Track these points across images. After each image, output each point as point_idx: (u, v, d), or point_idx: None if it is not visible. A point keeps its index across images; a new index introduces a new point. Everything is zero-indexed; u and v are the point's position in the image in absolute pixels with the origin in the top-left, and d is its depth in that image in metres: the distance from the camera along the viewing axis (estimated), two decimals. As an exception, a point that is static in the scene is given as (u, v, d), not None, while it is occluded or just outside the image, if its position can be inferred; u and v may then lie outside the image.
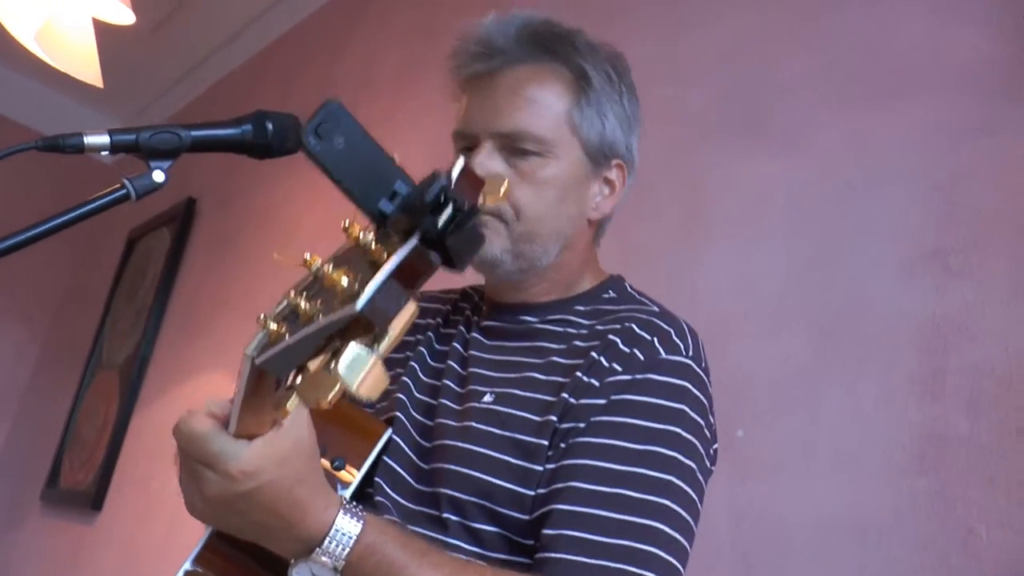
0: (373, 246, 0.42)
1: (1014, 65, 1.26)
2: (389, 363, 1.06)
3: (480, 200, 0.42)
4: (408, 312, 0.42)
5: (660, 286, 1.53)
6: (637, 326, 0.89)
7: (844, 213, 1.37)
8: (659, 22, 1.82)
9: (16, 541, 3.67)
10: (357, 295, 0.40)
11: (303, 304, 0.46)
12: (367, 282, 0.40)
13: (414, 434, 0.93)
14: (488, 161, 0.92)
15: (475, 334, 1.00)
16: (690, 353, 0.89)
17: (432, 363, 1.02)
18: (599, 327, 0.92)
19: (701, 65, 1.69)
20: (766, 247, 1.45)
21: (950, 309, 1.19)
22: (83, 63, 2.12)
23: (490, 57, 0.96)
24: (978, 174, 1.24)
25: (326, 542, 0.66)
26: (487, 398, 0.90)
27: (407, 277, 0.41)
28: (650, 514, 0.79)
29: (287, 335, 0.47)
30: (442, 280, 1.09)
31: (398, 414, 0.95)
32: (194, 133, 0.76)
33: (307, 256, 0.51)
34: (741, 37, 1.64)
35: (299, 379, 0.48)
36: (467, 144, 0.97)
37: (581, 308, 0.97)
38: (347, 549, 0.67)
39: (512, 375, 0.92)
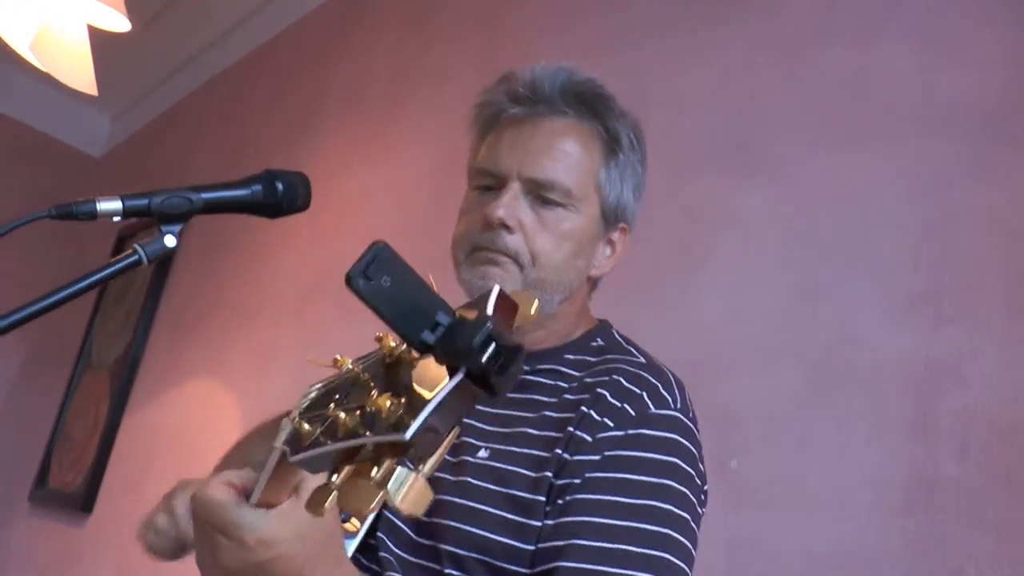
0: (414, 369, 0.44)
1: (1005, 108, 1.28)
2: None
3: (514, 325, 0.44)
4: (452, 436, 0.44)
5: (653, 318, 1.56)
6: (625, 380, 0.91)
7: (835, 249, 1.39)
8: (656, 50, 1.83)
9: (4, 541, 3.66)
10: (406, 424, 0.42)
11: (342, 416, 0.48)
12: (415, 410, 0.43)
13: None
14: (513, 203, 0.94)
15: None
16: (678, 405, 0.91)
17: None
18: (588, 379, 0.93)
19: (694, 95, 1.71)
20: (757, 280, 1.47)
21: (942, 352, 1.22)
22: (78, 72, 2.11)
23: (535, 103, 0.98)
24: (969, 217, 1.26)
25: None
26: (482, 453, 0.91)
27: (452, 407, 0.43)
28: (652, 568, 0.81)
29: (323, 439, 0.50)
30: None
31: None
32: (205, 196, 0.77)
33: (337, 357, 0.53)
34: (732, 70, 1.66)
35: (335, 478, 0.49)
36: (490, 183, 0.98)
37: (570, 357, 0.99)
38: None
39: (506, 430, 0.93)
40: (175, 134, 3.92)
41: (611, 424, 0.87)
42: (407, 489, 0.44)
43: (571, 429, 0.88)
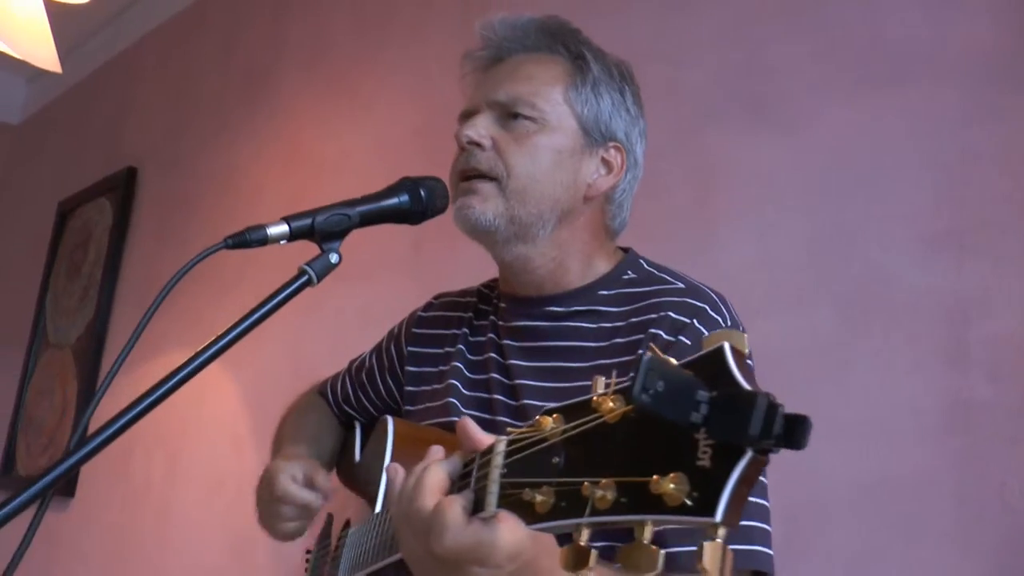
0: (702, 451, 0.46)
1: (1017, 53, 1.37)
2: (426, 378, 1.09)
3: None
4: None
5: (676, 267, 1.62)
6: (674, 312, 0.94)
7: (856, 194, 1.47)
8: (652, 5, 1.85)
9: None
10: (709, 505, 0.45)
11: (598, 493, 0.50)
12: (711, 491, 0.45)
13: None
14: (481, 123, 0.98)
15: (506, 340, 1.03)
16: (729, 323, 0.97)
17: (472, 375, 1.05)
18: (634, 319, 0.96)
19: (700, 45, 1.74)
20: (781, 228, 1.55)
21: (968, 284, 1.32)
22: (40, 49, 1.99)
23: (496, 46, 1.04)
24: (985, 157, 1.36)
25: None
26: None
27: (742, 481, 0.45)
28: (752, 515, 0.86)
29: (568, 509, 0.52)
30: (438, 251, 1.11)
31: (439, 447, 0.99)
32: (360, 209, 0.79)
33: (538, 418, 0.56)
34: (739, 17, 1.70)
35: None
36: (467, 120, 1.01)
37: (605, 293, 1.00)
38: None
39: (562, 384, 0.96)
40: (106, 96, 3.73)
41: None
42: (721, 560, 0.46)
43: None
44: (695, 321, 0.93)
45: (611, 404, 0.52)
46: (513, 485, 0.58)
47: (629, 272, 1.03)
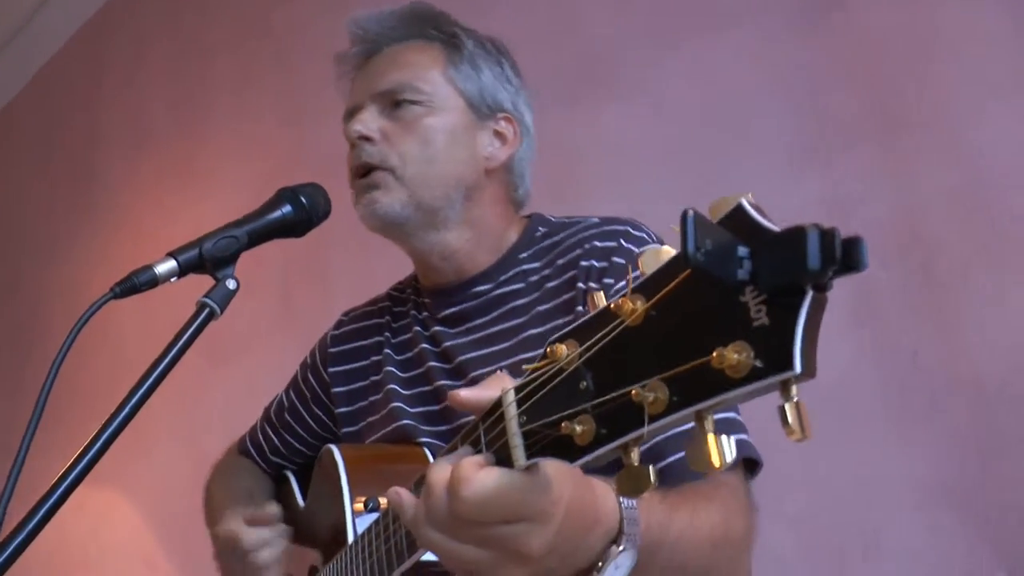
0: (755, 311, 0.43)
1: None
2: (360, 393, 1.04)
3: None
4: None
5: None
6: (598, 241, 0.94)
7: (719, 138, 1.54)
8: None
9: None
10: (783, 360, 0.41)
11: (650, 397, 0.46)
12: (781, 345, 0.41)
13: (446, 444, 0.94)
14: (367, 117, 0.97)
15: (437, 328, 1.00)
16: (654, 238, 0.96)
17: (407, 373, 1.01)
18: (560, 261, 0.96)
19: (537, 35, 1.77)
20: (651, 188, 1.58)
21: (839, 189, 1.40)
22: None
23: (368, 41, 1.03)
24: (825, 71, 1.45)
25: (626, 525, 0.61)
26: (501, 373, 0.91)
27: (811, 325, 0.42)
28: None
29: (611, 429, 0.48)
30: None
31: (423, 439, 0.95)
32: (246, 229, 0.74)
33: (549, 349, 0.52)
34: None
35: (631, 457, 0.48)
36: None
37: (524, 255, 1.00)
38: (638, 524, 0.62)
39: (508, 344, 0.94)
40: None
41: (613, 281, 0.90)
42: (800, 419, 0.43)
43: (581, 285, 0.91)
44: (622, 242, 0.93)
45: (631, 305, 0.48)
46: (543, 427, 0.52)
47: (540, 228, 1.03)
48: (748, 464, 0.83)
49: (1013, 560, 1.19)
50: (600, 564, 0.61)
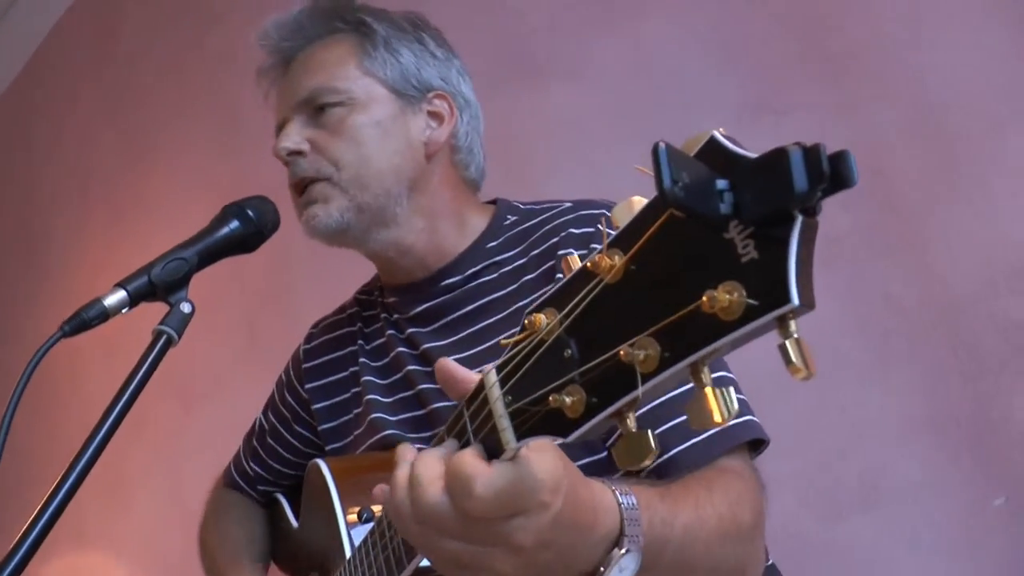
0: (742, 246, 0.40)
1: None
2: (342, 407, 1.01)
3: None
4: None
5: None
6: (575, 228, 0.91)
7: (664, 107, 1.53)
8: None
9: None
10: (779, 294, 0.38)
11: (640, 355, 0.43)
12: (774, 278, 0.38)
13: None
14: (292, 130, 0.94)
15: (412, 330, 0.97)
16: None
17: (386, 380, 0.97)
18: (536, 251, 0.92)
19: (461, 14, 1.75)
20: (604, 163, 1.57)
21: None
22: None
23: (280, 50, 1.00)
24: (765, 22, 1.45)
25: (626, 525, 0.58)
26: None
27: (804, 253, 0.39)
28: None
29: (600, 396, 0.46)
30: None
31: (406, 444, 0.92)
32: (195, 249, 0.71)
33: (528, 320, 0.49)
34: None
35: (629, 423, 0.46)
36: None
37: (494, 244, 0.96)
38: (639, 524, 0.59)
39: (488, 344, 0.91)
40: None
41: None
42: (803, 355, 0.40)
43: (560, 276, 0.86)
44: (599, 227, 0.90)
45: (608, 261, 0.45)
46: (530, 404, 0.49)
47: (508, 216, 0.98)
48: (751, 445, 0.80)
49: (1012, 483, 1.20)
50: (603, 569, 0.58)
